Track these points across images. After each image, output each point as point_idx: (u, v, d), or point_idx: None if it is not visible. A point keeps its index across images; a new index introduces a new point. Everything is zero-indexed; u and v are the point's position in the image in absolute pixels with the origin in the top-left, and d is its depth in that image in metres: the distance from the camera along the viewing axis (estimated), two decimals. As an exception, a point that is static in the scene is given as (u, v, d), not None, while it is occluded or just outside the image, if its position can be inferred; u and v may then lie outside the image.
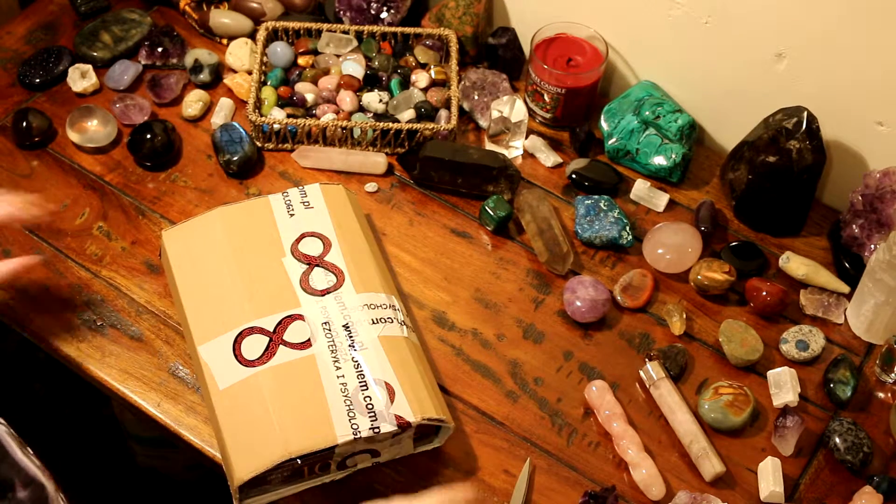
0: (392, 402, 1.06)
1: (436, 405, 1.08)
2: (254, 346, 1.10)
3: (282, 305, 1.13)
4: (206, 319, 1.14)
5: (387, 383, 1.08)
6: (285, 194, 1.25)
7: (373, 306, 1.14)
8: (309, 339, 1.11)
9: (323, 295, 1.14)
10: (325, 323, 1.12)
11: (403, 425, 1.05)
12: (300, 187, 1.26)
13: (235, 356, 1.10)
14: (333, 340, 1.11)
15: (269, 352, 1.10)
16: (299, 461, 1.04)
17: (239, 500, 1.05)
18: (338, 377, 1.08)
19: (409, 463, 1.13)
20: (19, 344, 1.67)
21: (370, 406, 1.06)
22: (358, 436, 1.04)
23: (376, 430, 1.04)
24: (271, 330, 1.11)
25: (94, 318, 1.24)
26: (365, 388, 1.07)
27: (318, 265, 1.17)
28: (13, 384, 1.73)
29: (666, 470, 1.15)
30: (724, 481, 1.15)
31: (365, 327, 1.12)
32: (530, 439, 1.17)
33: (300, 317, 1.12)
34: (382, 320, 1.13)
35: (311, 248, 1.19)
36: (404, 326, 1.15)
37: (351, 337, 1.11)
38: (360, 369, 1.08)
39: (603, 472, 1.15)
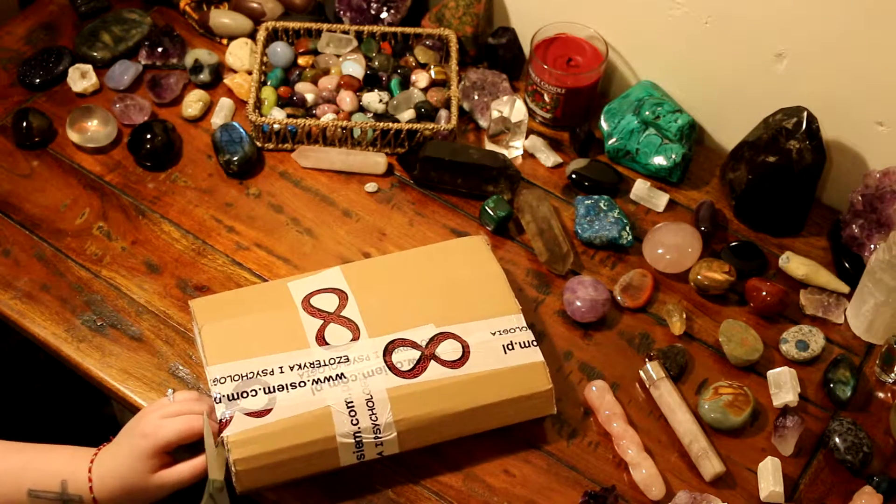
0: None
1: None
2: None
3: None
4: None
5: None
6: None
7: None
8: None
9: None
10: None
11: None
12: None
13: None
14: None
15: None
16: None
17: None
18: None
19: (406, 461, 1.13)
20: (19, 344, 1.67)
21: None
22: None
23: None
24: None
25: (94, 318, 1.24)
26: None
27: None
28: (13, 384, 1.73)
29: (666, 470, 1.15)
30: (724, 481, 1.15)
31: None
32: (530, 439, 1.17)
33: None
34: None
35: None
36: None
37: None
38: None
39: (603, 472, 1.15)
